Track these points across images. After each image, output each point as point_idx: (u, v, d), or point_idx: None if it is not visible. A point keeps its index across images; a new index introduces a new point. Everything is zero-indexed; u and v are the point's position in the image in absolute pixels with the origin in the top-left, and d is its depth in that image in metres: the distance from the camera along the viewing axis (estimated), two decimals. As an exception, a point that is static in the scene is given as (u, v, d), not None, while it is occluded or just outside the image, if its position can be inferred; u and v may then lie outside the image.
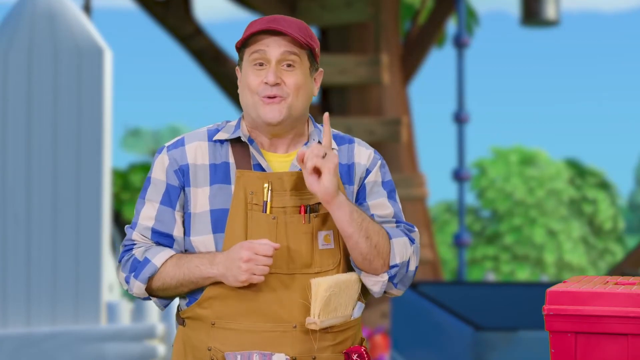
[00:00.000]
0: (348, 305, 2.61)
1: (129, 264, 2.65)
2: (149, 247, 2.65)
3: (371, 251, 2.56)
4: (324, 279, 2.53)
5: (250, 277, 2.52)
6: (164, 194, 2.64)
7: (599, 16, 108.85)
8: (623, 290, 2.42)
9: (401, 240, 2.62)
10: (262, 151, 2.65)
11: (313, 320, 2.53)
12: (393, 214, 2.68)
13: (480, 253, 29.61)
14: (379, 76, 11.01)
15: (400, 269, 2.60)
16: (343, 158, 2.68)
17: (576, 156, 36.97)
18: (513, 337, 5.11)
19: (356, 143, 2.72)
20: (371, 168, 2.70)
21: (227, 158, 2.64)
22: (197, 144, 2.65)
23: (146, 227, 2.66)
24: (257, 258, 2.51)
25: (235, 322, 2.58)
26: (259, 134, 2.66)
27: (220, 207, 2.60)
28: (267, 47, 2.59)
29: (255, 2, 11.98)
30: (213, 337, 2.59)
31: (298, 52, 2.61)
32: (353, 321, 2.65)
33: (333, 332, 2.60)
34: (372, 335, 9.43)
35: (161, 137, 34.99)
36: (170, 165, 2.64)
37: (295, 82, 2.60)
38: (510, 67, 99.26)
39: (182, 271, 2.59)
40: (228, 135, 2.65)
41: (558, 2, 12.86)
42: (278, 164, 2.64)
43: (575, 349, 2.43)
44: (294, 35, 2.58)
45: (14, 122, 6.54)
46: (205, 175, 2.62)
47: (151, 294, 2.67)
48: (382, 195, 2.68)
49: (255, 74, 2.60)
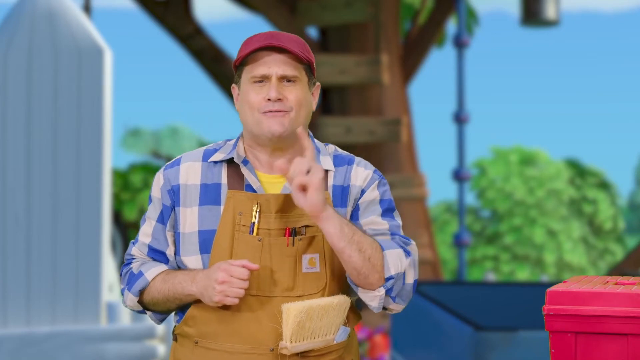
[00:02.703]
0: (330, 329, 2.59)
1: (126, 277, 2.70)
2: (145, 262, 2.69)
3: (365, 264, 2.53)
4: (295, 304, 2.51)
5: (224, 298, 2.52)
6: (160, 213, 2.68)
7: (599, 16, 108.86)
8: (623, 290, 2.42)
9: (395, 251, 2.57)
10: (257, 172, 2.65)
11: (284, 345, 2.53)
12: (388, 228, 2.64)
13: (480, 253, 29.61)
14: (379, 76, 11.01)
15: (397, 281, 2.56)
16: (339, 180, 2.66)
17: (576, 156, 36.99)
18: (513, 337, 5.11)
19: (355, 164, 2.69)
20: (366, 188, 2.66)
21: (219, 179, 2.64)
22: (189, 164, 2.67)
23: (144, 244, 2.70)
24: (231, 280, 2.50)
25: (215, 342, 2.59)
26: (258, 152, 2.65)
27: (208, 227, 2.60)
28: (268, 64, 2.59)
29: (255, 2, 11.98)
30: (196, 355, 2.62)
31: (298, 68, 2.61)
32: (335, 345, 2.62)
33: (312, 357, 2.59)
34: (372, 335, 9.43)
35: (161, 137, 34.97)
36: (164, 185, 2.68)
37: (297, 97, 2.60)
38: (510, 67, 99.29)
39: (167, 286, 2.62)
40: (223, 156, 2.66)
41: (558, 2, 12.86)
42: (270, 186, 2.63)
43: (575, 349, 2.43)
44: (294, 52, 2.59)
45: (14, 122, 6.54)
46: (196, 195, 2.64)
47: (146, 308, 2.70)
48: (375, 212, 2.65)
49: (255, 91, 2.60)
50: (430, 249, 11.55)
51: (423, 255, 11.03)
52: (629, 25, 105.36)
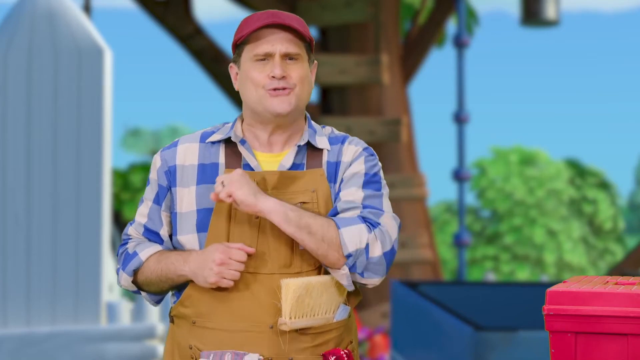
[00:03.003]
0: (330, 307, 2.60)
1: (122, 257, 2.72)
2: (140, 242, 2.71)
3: (320, 245, 2.52)
4: (294, 280, 2.52)
5: (220, 280, 2.53)
6: (156, 194, 2.70)
7: (599, 16, 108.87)
8: (623, 290, 2.42)
9: (353, 228, 2.54)
10: (255, 151, 2.66)
11: (284, 321, 2.53)
12: (362, 199, 2.61)
13: (480, 253, 29.61)
14: (379, 76, 11.00)
15: (358, 256, 2.53)
16: (333, 157, 2.67)
17: (576, 156, 36.99)
18: (513, 337, 5.11)
19: (347, 142, 2.70)
20: (353, 162, 2.66)
21: (217, 159, 2.66)
22: (187, 145, 2.68)
23: (140, 224, 2.72)
24: (229, 262, 2.52)
25: (213, 321, 2.59)
26: (258, 131, 2.66)
27: (206, 206, 2.62)
28: (271, 42, 2.61)
29: (255, 2, 11.97)
30: (194, 336, 2.62)
31: (300, 46, 2.63)
32: (335, 323, 2.62)
33: (311, 334, 2.59)
34: (372, 335, 9.42)
35: (161, 137, 34.99)
36: (161, 167, 2.69)
37: (300, 75, 2.62)
38: (510, 67, 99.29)
39: (160, 267, 2.63)
40: (221, 136, 2.67)
41: (558, 2, 12.86)
42: (268, 164, 2.64)
43: (575, 349, 2.43)
44: (298, 29, 2.60)
45: (14, 122, 6.54)
46: (193, 175, 2.65)
47: (140, 289, 2.72)
48: (356, 184, 2.63)
49: (258, 69, 2.62)
50: (430, 249, 11.55)
51: (423, 255, 11.02)
52: (629, 25, 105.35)
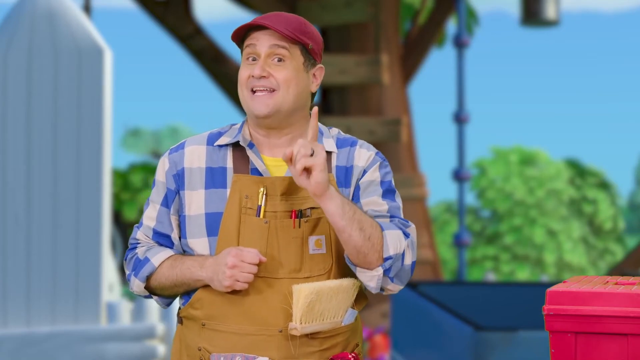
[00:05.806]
0: (338, 311, 2.60)
1: (132, 262, 2.71)
2: (151, 246, 2.70)
3: (365, 244, 2.53)
4: (306, 285, 2.53)
5: (234, 283, 2.54)
6: (164, 197, 2.69)
7: (599, 16, 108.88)
8: (623, 290, 2.42)
9: (394, 232, 2.58)
10: (263, 156, 2.66)
11: (294, 326, 2.53)
12: (387, 210, 2.65)
13: (480, 253, 29.61)
14: (379, 76, 11.00)
15: (395, 261, 2.56)
16: (342, 161, 2.67)
17: (576, 156, 36.99)
18: (513, 337, 5.11)
19: (358, 146, 2.70)
20: (368, 168, 2.68)
21: (225, 162, 2.66)
22: (194, 148, 2.68)
23: (148, 227, 2.71)
24: (242, 265, 2.53)
25: (223, 324, 2.60)
26: (257, 134, 2.67)
27: (215, 210, 2.62)
28: (256, 42, 2.62)
29: (255, 2, 11.98)
30: (203, 338, 2.62)
31: (287, 47, 2.62)
32: (343, 327, 2.63)
33: (320, 338, 2.60)
34: (372, 335, 9.42)
35: (161, 137, 34.98)
36: (169, 169, 2.69)
37: (285, 76, 2.61)
38: (510, 67, 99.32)
39: (176, 272, 2.63)
40: (229, 139, 2.67)
41: (558, 2, 12.86)
42: (276, 168, 2.65)
43: (575, 349, 2.43)
44: (278, 30, 2.59)
45: (14, 122, 6.54)
46: (201, 178, 2.65)
47: (152, 293, 2.72)
48: (376, 193, 2.65)
49: (245, 68, 2.64)
50: (430, 249, 11.55)
51: (423, 255, 11.02)
52: (629, 25, 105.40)
